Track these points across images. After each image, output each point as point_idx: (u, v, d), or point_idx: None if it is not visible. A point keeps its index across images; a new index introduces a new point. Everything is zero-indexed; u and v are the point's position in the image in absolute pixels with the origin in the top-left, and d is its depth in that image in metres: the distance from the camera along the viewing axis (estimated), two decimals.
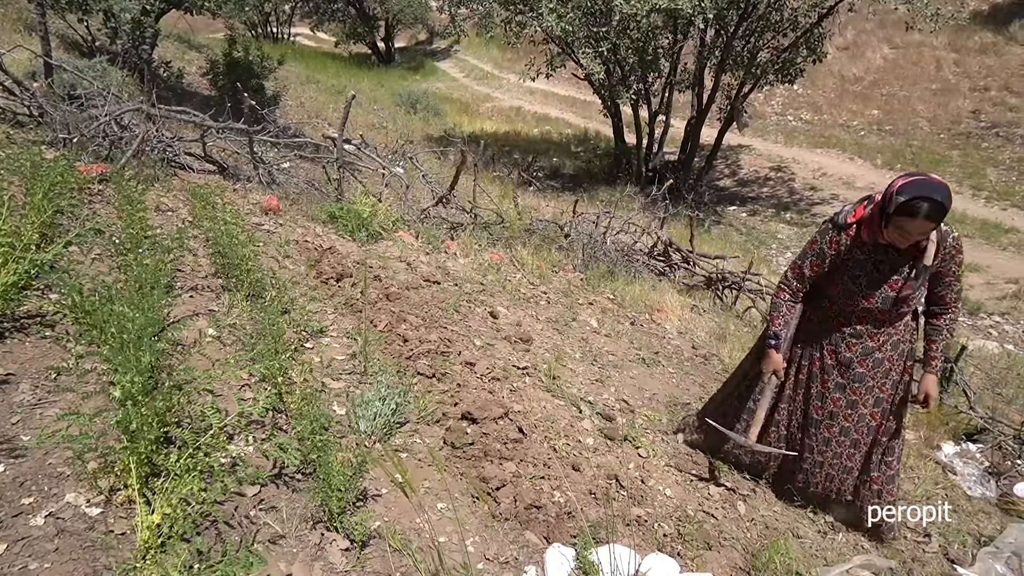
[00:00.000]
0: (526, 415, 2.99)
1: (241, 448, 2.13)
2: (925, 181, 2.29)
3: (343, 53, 29.67)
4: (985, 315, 8.87)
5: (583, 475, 2.71)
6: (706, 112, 13.42)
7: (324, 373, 2.78)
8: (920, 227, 2.33)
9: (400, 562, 1.92)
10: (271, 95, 11.42)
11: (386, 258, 4.60)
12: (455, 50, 30.61)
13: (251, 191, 5.26)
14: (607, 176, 14.57)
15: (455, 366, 3.22)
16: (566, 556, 2.05)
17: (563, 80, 19.87)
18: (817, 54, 12.76)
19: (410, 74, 26.33)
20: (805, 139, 16.54)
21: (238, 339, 2.73)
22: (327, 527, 1.93)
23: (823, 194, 13.66)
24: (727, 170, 15.60)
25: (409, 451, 2.49)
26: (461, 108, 21.02)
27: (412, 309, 3.75)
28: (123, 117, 5.18)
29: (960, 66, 16.78)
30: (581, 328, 4.51)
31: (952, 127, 15.27)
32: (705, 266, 6.99)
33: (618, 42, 12.22)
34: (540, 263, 5.79)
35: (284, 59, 12.84)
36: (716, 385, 4.18)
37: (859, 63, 18.26)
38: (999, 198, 12.41)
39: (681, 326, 5.25)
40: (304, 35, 33.53)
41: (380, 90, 20.32)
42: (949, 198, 2.27)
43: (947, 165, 13.83)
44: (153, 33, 9.33)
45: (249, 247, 3.36)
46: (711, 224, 12.24)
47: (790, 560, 2.53)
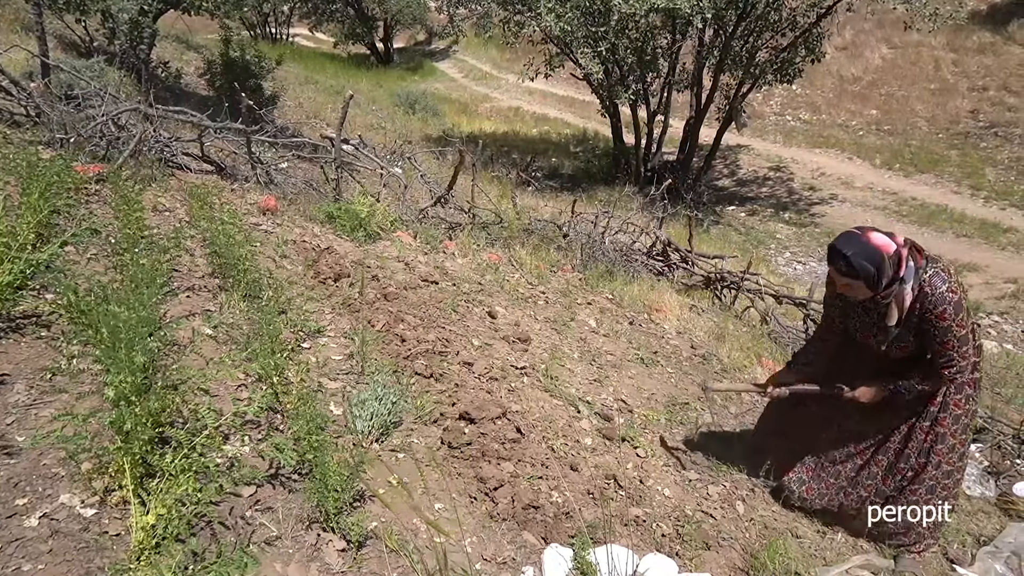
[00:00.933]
0: (524, 415, 2.98)
1: (237, 448, 2.12)
2: (849, 234, 2.36)
3: (342, 54, 29.66)
4: (984, 314, 8.87)
5: (581, 475, 2.70)
6: (705, 112, 13.42)
7: (321, 373, 2.77)
8: (835, 276, 2.40)
9: (397, 562, 1.91)
10: (269, 95, 11.41)
11: (384, 258, 4.60)
12: (454, 50, 30.61)
13: (249, 191, 5.25)
14: (606, 176, 14.56)
15: (453, 366, 3.21)
16: (564, 556, 2.04)
17: (562, 80, 19.87)
18: (815, 54, 12.75)
19: (409, 74, 26.33)
20: (804, 139, 16.53)
21: (234, 339, 2.72)
22: (323, 528, 1.92)
23: (822, 194, 13.65)
24: (726, 170, 15.60)
25: (406, 451, 2.48)
26: (460, 108, 21.01)
27: (410, 309, 3.74)
28: (120, 117, 5.17)
29: (958, 66, 16.79)
30: (579, 328, 4.50)
31: (951, 127, 15.27)
32: (704, 266, 6.98)
33: (616, 42, 12.21)
34: (538, 263, 5.78)
35: (282, 59, 12.82)
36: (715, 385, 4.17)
37: (858, 63, 18.26)
38: (998, 198, 12.40)
39: (680, 326, 5.24)
40: (303, 36, 33.48)
41: (379, 90, 20.31)
42: (863, 254, 2.29)
43: (946, 165, 13.84)
44: (151, 33, 9.32)
45: (246, 247, 3.35)
46: (710, 224, 12.23)
47: (789, 560, 2.52)
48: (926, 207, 12.30)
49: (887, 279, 2.33)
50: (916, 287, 2.36)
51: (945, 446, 2.58)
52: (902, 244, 2.36)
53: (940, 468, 2.61)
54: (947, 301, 2.31)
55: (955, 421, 2.56)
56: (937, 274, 2.34)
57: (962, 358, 2.37)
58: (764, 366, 4.78)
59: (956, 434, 2.57)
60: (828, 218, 12.52)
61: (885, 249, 2.31)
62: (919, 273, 2.36)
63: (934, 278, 2.34)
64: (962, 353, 2.36)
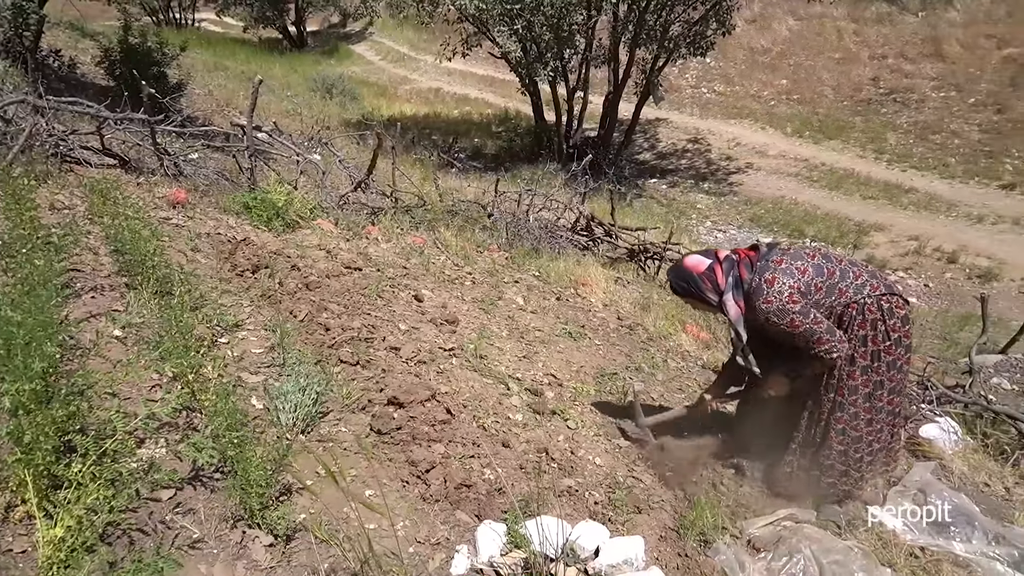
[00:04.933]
0: (454, 396, 2.98)
1: (153, 452, 2.03)
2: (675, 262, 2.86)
3: (252, 39, 28.57)
4: (890, 271, 9.39)
5: (513, 451, 2.72)
6: (623, 87, 13.57)
7: (240, 367, 2.69)
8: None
9: (328, 552, 1.88)
10: (175, 84, 10.84)
11: (304, 247, 4.48)
12: (370, 32, 29.93)
13: (156, 184, 5.00)
14: (529, 154, 14.59)
15: (380, 352, 3.17)
16: (497, 532, 2.06)
17: (481, 60, 19.74)
18: (726, 27, 13.04)
19: (324, 58, 25.61)
20: (719, 110, 16.98)
21: (144, 339, 2.60)
22: (248, 525, 1.87)
23: (738, 163, 14.08)
24: (646, 144, 15.88)
25: (334, 440, 2.43)
26: (378, 91, 20.62)
27: (333, 297, 3.66)
28: (7, 110, 4.83)
29: (859, 36, 17.55)
30: (507, 306, 4.52)
31: (854, 94, 15.98)
32: (627, 238, 7.11)
33: (532, 19, 12.19)
34: (464, 244, 5.76)
35: (187, 45, 12.18)
36: (642, 355, 4.28)
37: (766, 35, 18.83)
38: (899, 160, 13.09)
39: (606, 298, 5.33)
40: (209, 20, 32.09)
41: (293, 75, 19.69)
42: (678, 276, 2.72)
43: (851, 131, 14.49)
44: (38, 20, 8.67)
45: (154, 242, 3.20)
46: (632, 197, 12.45)
47: (717, 515, 2.62)
48: (835, 172, 12.87)
49: (710, 292, 2.64)
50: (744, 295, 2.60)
51: (846, 414, 2.72)
52: (720, 260, 2.65)
53: (847, 434, 2.75)
54: (767, 312, 2.52)
55: (853, 392, 2.69)
56: (759, 287, 2.54)
57: (819, 344, 2.51)
58: (688, 332, 4.92)
59: (857, 403, 2.70)
60: (745, 187, 12.95)
61: (696, 269, 2.66)
62: (742, 284, 2.60)
63: (755, 291, 2.55)
64: (815, 342, 2.51)
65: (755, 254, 2.66)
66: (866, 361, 2.65)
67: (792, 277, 2.52)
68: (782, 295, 2.48)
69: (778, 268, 2.54)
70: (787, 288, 2.49)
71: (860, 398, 2.70)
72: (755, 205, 12.02)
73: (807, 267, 2.56)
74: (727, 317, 2.65)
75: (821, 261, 2.60)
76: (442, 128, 16.75)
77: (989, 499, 3.32)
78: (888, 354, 2.64)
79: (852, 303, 2.59)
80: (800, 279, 2.53)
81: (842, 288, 2.58)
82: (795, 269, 2.54)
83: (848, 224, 10.81)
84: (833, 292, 2.58)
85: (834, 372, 2.68)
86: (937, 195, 11.52)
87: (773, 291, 2.49)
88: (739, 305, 2.60)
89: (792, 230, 10.92)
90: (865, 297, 2.59)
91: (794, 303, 2.48)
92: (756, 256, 2.65)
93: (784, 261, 2.57)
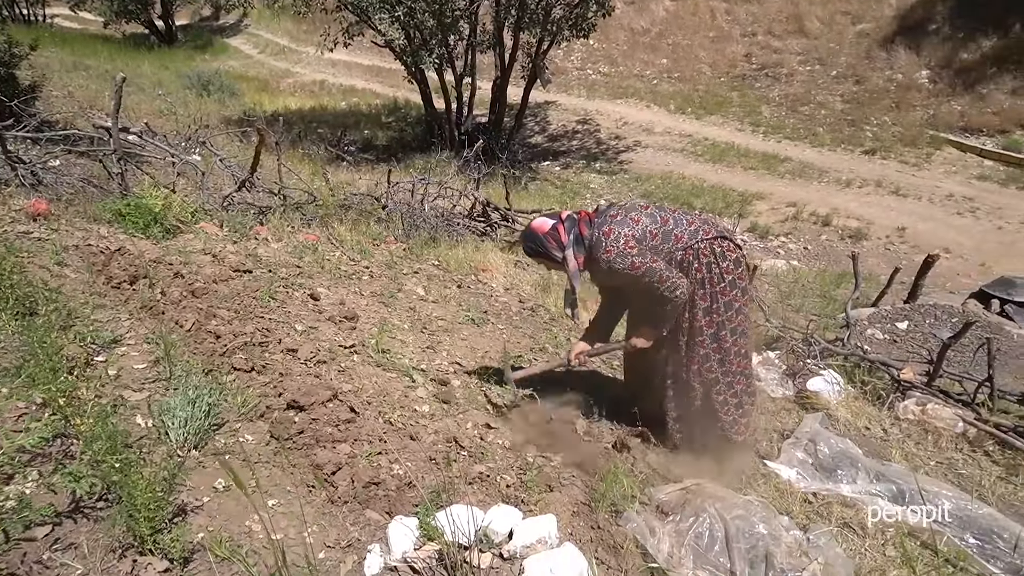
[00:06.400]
0: (357, 393, 2.90)
1: (22, 487, 1.86)
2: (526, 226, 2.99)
3: (116, 35, 26.64)
4: (772, 237, 9.93)
5: (422, 443, 2.68)
6: (509, 71, 13.61)
7: (120, 386, 2.50)
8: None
9: (231, 570, 1.79)
10: (27, 85, 9.97)
11: (187, 252, 4.23)
12: (245, 25, 28.65)
13: (12, 196, 4.58)
14: (420, 143, 14.42)
15: (276, 355, 3.04)
16: (409, 527, 2.02)
17: (365, 49, 19.31)
18: (605, 8, 13.25)
19: (197, 53, 24.33)
20: (605, 91, 17.37)
21: (4, 366, 2.38)
22: (140, 552, 1.75)
23: (627, 142, 14.47)
24: (537, 127, 16.04)
25: (231, 452, 2.31)
26: (259, 86, 19.78)
27: (222, 303, 3.48)
28: None
29: (730, 14, 18.34)
30: (408, 298, 4.45)
31: (730, 71, 16.73)
32: (524, 221, 7.15)
33: (414, 5, 11.99)
34: (359, 238, 5.62)
35: (38, 44, 11.22)
36: (545, 335, 4.32)
37: (645, 16, 19.37)
38: (773, 132, 13.84)
39: (507, 282, 5.35)
40: (63, 16, 29.72)
41: (164, 73, 18.57)
42: (528, 238, 2.91)
43: (729, 106, 15.17)
44: None
45: (11, 259, 2.93)
46: (527, 181, 12.55)
47: (626, 486, 2.68)
48: (717, 146, 13.45)
49: (555, 250, 2.82)
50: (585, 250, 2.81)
51: (697, 355, 2.90)
52: (563, 220, 2.85)
53: (703, 376, 2.92)
54: (608, 262, 2.72)
55: (699, 332, 2.86)
56: (598, 240, 2.75)
57: (662, 283, 2.69)
58: (589, 309, 5.01)
59: (705, 344, 2.88)
60: (635, 164, 13.32)
61: (540, 230, 2.85)
62: (583, 241, 2.80)
63: (595, 245, 2.76)
64: (659, 280, 2.69)
65: (595, 214, 2.88)
66: (706, 303, 2.83)
67: (627, 227, 2.73)
68: (619, 242, 2.69)
69: (614, 220, 2.76)
70: (623, 236, 2.70)
71: (707, 339, 2.87)
72: (645, 181, 12.38)
73: (640, 217, 2.77)
74: (566, 270, 2.84)
75: (655, 211, 2.82)
76: (329, 121, 16.29)
77: (870, 441, 3.58)
78: (724, 295, 2.82)
79: (688, 248, 2.78)
80: (635, 228, 2.74)
81: (677, 234, 2.78)
82: (629, 219, 2.76)
83: (733, 195, 11.32)
84: (669, 238, 2.77)
85: (684, 315, 2.86)
86: (809, 163, 12.26)
87: (610, 240, 2.70)
88: (578, 260, 2.81)
89: (681, 203, 11.31)
90: (699, 242, 2.78)
91: (631, 248, 2.69)
92: (595, 215, 2.86)
93: (619, 215, 2.79)
